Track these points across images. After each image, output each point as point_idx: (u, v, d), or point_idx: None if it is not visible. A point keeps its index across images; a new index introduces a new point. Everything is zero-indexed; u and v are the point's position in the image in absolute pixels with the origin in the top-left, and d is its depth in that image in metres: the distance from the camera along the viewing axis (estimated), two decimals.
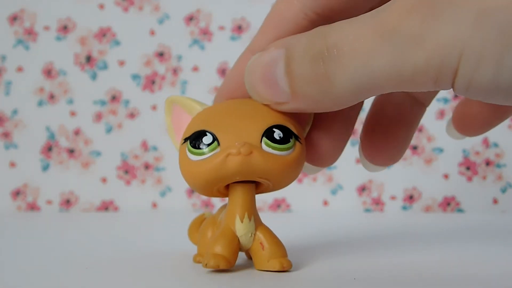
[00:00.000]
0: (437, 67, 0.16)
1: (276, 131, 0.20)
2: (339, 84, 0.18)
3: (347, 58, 0.17)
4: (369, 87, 0.17)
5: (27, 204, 0.51)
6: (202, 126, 0.21)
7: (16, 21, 0.52)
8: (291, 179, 0.22)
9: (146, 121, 0.52)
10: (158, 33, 0.52)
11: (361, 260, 0.25)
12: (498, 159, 0.50)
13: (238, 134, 0.20)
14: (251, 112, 0.21)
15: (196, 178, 0.21)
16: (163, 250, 0.27)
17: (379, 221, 0.45)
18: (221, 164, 0.20)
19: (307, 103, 0.19)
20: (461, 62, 0.16)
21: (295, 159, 0.21)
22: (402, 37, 0.16)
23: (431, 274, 0.22)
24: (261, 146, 0.20)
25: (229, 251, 0.21)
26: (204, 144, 0.20)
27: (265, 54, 0.20)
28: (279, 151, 0.20)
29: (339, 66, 0.18)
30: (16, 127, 0.52)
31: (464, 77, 0.16)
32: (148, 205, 0.51)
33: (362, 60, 0.17)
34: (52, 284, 0.21)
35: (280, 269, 0.21)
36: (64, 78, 0.52)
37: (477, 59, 0.15)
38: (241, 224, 0.21)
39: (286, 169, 0.21)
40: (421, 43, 0.16)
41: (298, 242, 0.30)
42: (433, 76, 0.16)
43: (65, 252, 0.28)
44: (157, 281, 0.21)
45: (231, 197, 0.22)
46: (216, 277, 0.20)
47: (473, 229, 0.38)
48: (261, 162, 0.20)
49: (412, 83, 0.17)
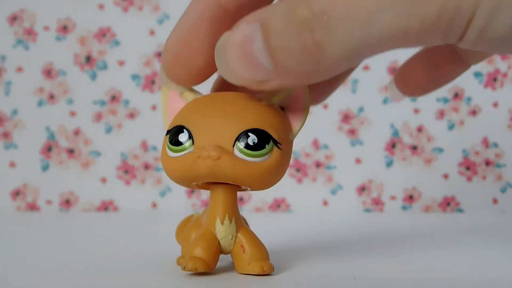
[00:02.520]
0: (450, 18, 0.15)
1: (251, 136, 0.19)
2: (332, 53, 0.16)
3: (340, 23, 0.16)
4: (365, 50, 0.16)
5: (27, 204, 0.51)
6: (182, 121, 0.21)
7: (16, 21, 0.52)
8: (268, 184, 0.21)
9: (146, 121, 0.52)
10: (158, 33, 0.52)
11: (361, 260, 0.25)
12: (498, 159, 0.50)
13: (213, 135, 0.20)
14: (232, 110, 0.20)
15: (171, 173, 0.21)
16: (163, 250, 0.27)
17: (379, 221, 0.45)
18: (191, 165, 0.20)
19: (293, 77, 0.18)
20: (477, 11, 0.15)
21: (270, 166, 0.20)
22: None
23: (431, 274, 0.22)
24: (233, 151, 0.19)
25: (209, 254, 0.20)
26: (179, 142, 0.20)
27: (236, 32, 0.18)
28: (252, 157, 0.19)
29: (330, 33, 0.16)
30: (16, 127, 0.52)
31: (477, 27, 0.15)
32: (148, 205, 0.51)
33: (359, 22, 0.16)
34: (52, 284, 0.20)
35: (261, 272, 0.20)
36: (64, 78, 0.52)
37: (493, 8, 0.15)
38: (222, 226, 0.21)
39: (257, 177, 0.20)
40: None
41: (298, 242, 0.30)
42: (444, 29, 0.15)
43: (65, 252, 0.28)
44: (154, 281, 0.21)
45: (212, 198, 0.21)
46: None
47: (473, 229, 0.38)
48: (229, 168, 0.19)
49: (416, 39, 0.16)
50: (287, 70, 0.17)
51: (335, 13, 0.16)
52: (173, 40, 0.21)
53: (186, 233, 0.23)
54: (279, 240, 0.30)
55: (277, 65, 0.17)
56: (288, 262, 0.23)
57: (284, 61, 0.17)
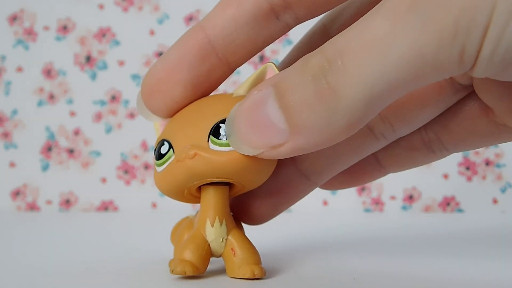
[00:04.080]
0: (466, 29, 0.14)
1: (222, 126, 0.19)
2: (347, 93, 0.15)
3: (354, 60, 0.15)
4: (384, 88, 0.15)
5: (27, 204, 0.51)
6: (163, 135, 0.20)
7: (16, 21, 0.52)
8: (255, 175, 0.20)
9: (146, 121, 0.52)
10: (157, 33, 0.52)
11: (361, 260, 0.25)
12: (497, 159, 0.50)
13: (188, 137, 0.19)
14: (205, 109, 0.20)
15: (162, 188, 0.20)
16: (162, 251, 0.27)
17: (379, 221, 0.45)
18: (174, 171, 0.19)
19: (310, 135, 0.16)
20: (493, 18, 0.14)
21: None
22: (424, 6, 0.14)
23: (431, 274, 0.22)
24: (209, 145, 0.19)
25: (198, 257, 0.20)
26: (162, 154, 0.20)
27: (248, 98, 0.17)
28: (227, 146, 0.18)
29: (345, 73, 0.15)
30: (16, 127, 0.52)
31: (493, 35, 0.14)
32: (148, 205, 0.51)
33: (374, 54, 0.15)
34: (51, 284, 0.20)
35: (251, 276, 0.20)
36: (64, 78, 0.52)
37: (510, 12, 0.14)
38: (212, 228, 0.20)
39: (237, 165, 0.19)
40: (447, 4, 0.14)
41: (297, 242, 0.30)
42: (461, 45, 0.14)
43: (65, 252, 0.28)
44: (151, 282, 0.21)
45: (203, 200, 0.21)
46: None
47: (472, 229, 0.38)
48: (206, 162, 0.19)
49: (435, 67, 0.15)
50: (303, 127, 0.16)
51: (349, 50, 0.15)
52: (157, 67, 0.21)
53: (179, 235, 0.23)
54: (278, 240, 0.30)
55: (292, 123, 0.16)
56: (288, 263, 0.23)
57: (299, 116, 0.16)
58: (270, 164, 0.20)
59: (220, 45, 0.20)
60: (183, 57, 0.20)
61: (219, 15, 0.20)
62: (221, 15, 0.20)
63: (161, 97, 0.21)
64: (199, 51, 0.20)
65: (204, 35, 0.20)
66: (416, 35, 0.14)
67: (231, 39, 0.20)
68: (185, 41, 0.20)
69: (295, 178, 0.24)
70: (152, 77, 0.21)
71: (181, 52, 0.20)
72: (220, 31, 0.20)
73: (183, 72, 0.20)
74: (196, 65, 0.20)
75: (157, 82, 0.21)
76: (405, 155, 0.24)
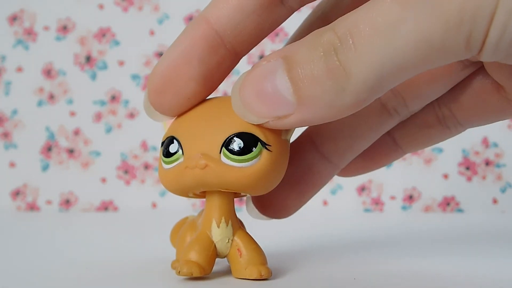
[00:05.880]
0: (471, 15, 0.14)
1: (236, 141, 0.19)
2: (356, 73, 0.16)
3: (364, 40, 0.15)
4: (393, 70, 0.16)
5: (27, 204, 0.51)
6: (173, 131, 0.20)
7: (15, 21, 0.52)
8: (264, 188, 0.20)
9: (146, 121, 0.52)
10: (157, 33, 0.52)
11: (361, 260, 0.25)
12: (497, 159, 0.50)
13: (200, 144, 0.19)
14: (218, 115, 0.20)
15: (167, 185, 0.21)
16: (162, 251, 0.27)
17: (379, 221, 0.45)
18: (181, 176, 0.19)
19: (316, 109, 0.17)
20: (499, 4, 0.14)
21: (260, 170, 0.19)
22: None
23: (430, 275, 0.22)
24: (220, 157, 0.19)
25: (204, 258, 0.20)
26: (170, 153, 0.20)
27: (256, 67, 0.17)
28: (239, 162, 0.19)
29: (355, 52, 0.16)
30: (16, 127, 0.52)
31: (499, 22, 0.14)
32: (148, 205, 0.51)
33: (383, 36, 0.15)
34: (51, 284, 0.20)
35: (258, 277, 0.20)
36: (64, 78, 0.52)
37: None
38: (218, 229, 0.20)
39: (247, 182, 0.19)
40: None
41: (297, 242, 0.30)
42: (467, 31, 0.15)
43: (64, 252, 0.28)
44: (151, 283, 0.21)
45: (208, 200, 0.21)
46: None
47: (472, 229, 0.39)
48: (216, 176, 0.19)
49: (442, 52, 0.15)
50: (310, 100, 0.16)
51: (359, 31, 0.15)
52: (162, 65, 0.20)
53: (181, 236, 0.22)
54: (278, 240, 0.30)
55: (300, 96, 0.17)
56: (288, 263, 0.23)
57: (307, 90, 0.16)
58: (278, 176, 0.20)
59: (228, 35, 0.19)
60: (191, 51, 0.20)
61: (223, 5, 0.19)
62: (224, 5, 0.19)
63: (172, 96, 0.20)
64: (207, 43, 0.19)
65: (210, 27, 0.19)
66: (423, 21, 0.15)
67: (239, 28, 0.19)
68: (190, 34, 0.20)
69: (316, 162, 0.23)
70: (159, 76, 0.20)
71: (188, 47, 0.20)
72: (227, 22, 0.19)
73: (193, 67, 0.20)
74: (206, 58, 0.20)
75: (165, 81, 0.20)
76: (421, 132, 0.24)
